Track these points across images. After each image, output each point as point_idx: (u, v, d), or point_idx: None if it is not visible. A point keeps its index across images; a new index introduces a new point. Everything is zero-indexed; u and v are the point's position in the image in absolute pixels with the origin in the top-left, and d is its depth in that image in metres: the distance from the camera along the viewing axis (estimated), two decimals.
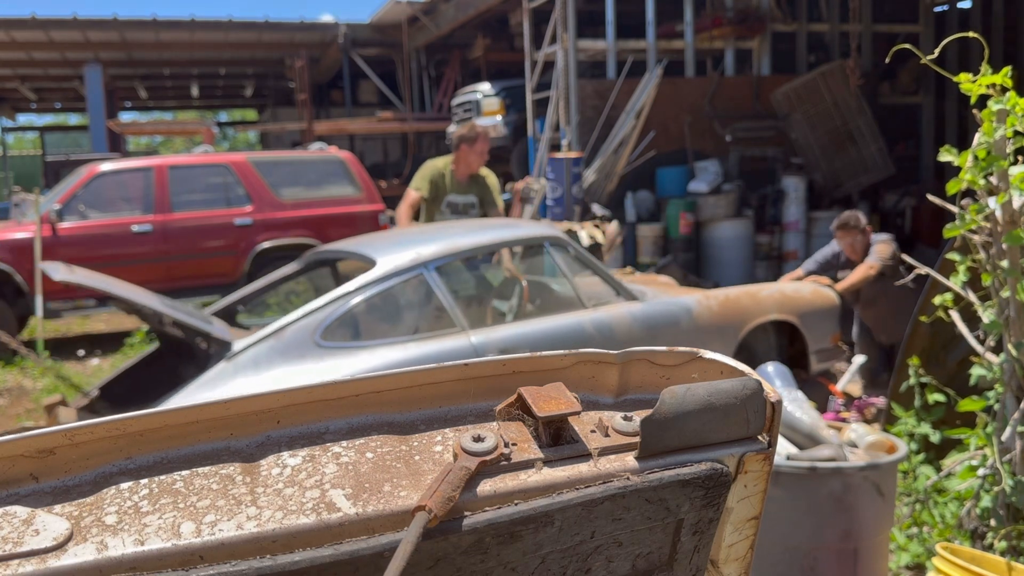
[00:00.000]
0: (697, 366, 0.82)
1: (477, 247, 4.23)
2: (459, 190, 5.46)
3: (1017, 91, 2.48)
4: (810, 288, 5.01)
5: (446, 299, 3.92)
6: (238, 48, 17.11)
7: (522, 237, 4.43)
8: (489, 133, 5.46)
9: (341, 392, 0.76)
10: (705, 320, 4.40)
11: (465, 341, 3.81)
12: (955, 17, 11.36)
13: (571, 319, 4.10)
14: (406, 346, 3.77)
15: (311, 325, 3.68)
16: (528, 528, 0.69)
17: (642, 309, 4.27)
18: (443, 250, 4.01)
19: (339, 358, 3.65)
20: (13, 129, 30.88)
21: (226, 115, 34.44)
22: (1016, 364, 2.66)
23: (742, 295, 4.66)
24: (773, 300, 4.72)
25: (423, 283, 3.98)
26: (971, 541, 2.82)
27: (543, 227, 4.43)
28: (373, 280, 3.82)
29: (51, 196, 8.22)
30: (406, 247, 4.04)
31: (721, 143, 9.66)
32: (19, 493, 0.68)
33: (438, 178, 5.46)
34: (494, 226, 4.53)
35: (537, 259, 4.77)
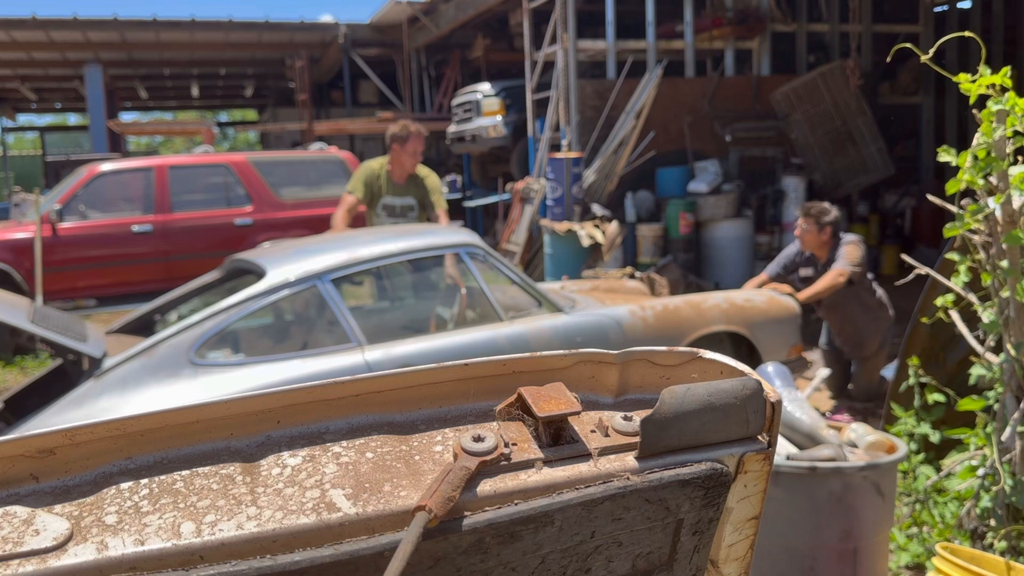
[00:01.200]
0: (697, 366, 0.82)
1: (380, 257, 3.93)
2: (396, 192, 5.23)
3: (1017, 91, 2.48)
4: (765, 296, 4.65)
5: (341, 313, 3.70)
6: (238, 48, 17.11)
7: (434, 245, 4.11)
8: (423, 131, 5.24)
9: (341, 392, 0.76)
10: (638, 333, 4.09)
11: (359, 358, 3.59)
12: (955, 17, 11.36)
13: (483, 334, 3.86)
14: (290, 363, 3.57)
15: (186, 342, 3.45)
16: (528, 528, 0.69)
17: (566, 321, 4.01)
18: (340, 261, 3.78)
19: (214, 376, 3.43)
20: (13, 129, 30.89)
21: (226, 115, 34.45)
22: (1016, 364, 2.66)
23: (683, 305, 4.35)
24: (719, 310, 4.38)
25: (317, 296, 3.77)
26: (971, 541, 2.82)
27: (460, 234, 4.16)
28: (260, 292, 3.61)
29: (51, 196, 8.22)
30: (301, 258, 3.84)
31: (721, 143, 9.67)
32: (19, 493, 0.68)
33: (373, 180, 5.25)
34: (404, 234, 4.24)
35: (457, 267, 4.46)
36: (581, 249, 8.26)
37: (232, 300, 3.57)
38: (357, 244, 3.97)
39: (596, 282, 5.34)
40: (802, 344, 4.75)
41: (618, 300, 4.45)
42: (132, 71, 19.48)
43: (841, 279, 4.82)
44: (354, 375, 0.76)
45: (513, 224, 10.23)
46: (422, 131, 5.20)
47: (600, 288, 5.10)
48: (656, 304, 4.28)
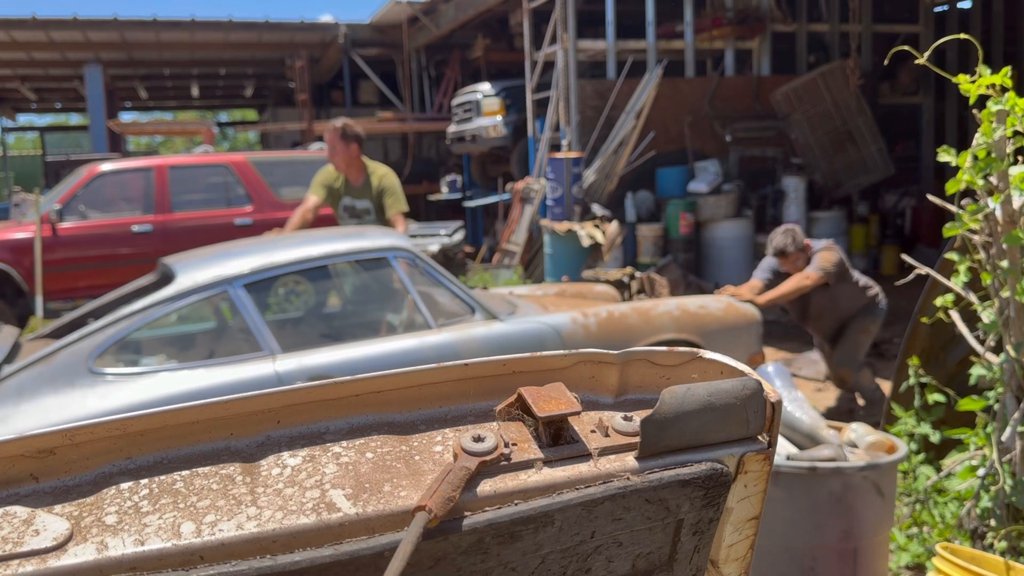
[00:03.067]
0: (697, 366, 0.82)
1: (297, 262, 3.76)
2: (353, 193, 5.10)
3: (1016, 91, 2.48)
4: (722, 303, 4.42)
5: (253, 320, 3.55)
6: (238, 48, 17.11)
7: (358, 249, 3.93)
8: (341, 129, 4.98)
9: (341, 392, 0.76)
10: (578, 341, 3.93)
11: (269, 368, 3.46)
12: (955, 17, 11.36)
13: (407, 342, 3.72)
14: (194, 373, 3.43)
15: (85, 350, 3.30)
16: (528, 528, 0.69)
17: (500, 330, 3.85)
18: (254, 266, 3.63)
19: (113, 386, 3.29)
20: (13, 129, 30.89)
21: (226, 115, 34.44)
22: (1016, 364, 2.66)
23: (630, 312, 4.14)
24: (670, 318, 4.17)
25: (228, 302, 3.61)
26: (971, 541, 2.82)
27: (387, 238, 4.00)
28: (166, 298, 3.47)
29: (51, 196, 8.22)
30: (214, 262, 3.70)
31: (721, 143, 9.67)
32: (19, 493, 0.68)
33: (332, 181, 5.11)
34: (327, 238, 4.07)
35: (382, 273, 4.28)
36: (581, 249, 8.26)
37: (136, 306, 3.44)
38: (275, 249, 3.83)
39: (563, 286, 5.19)
40: (763, 353, 4.54)
41: (563, 307, 4.26)
42: (132, 71, 19.48)
43: (807, 281, 4.66)
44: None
45: (513, 224, 10.24)
46: (339, 128, 4.97)
47: (567, 293, 4.93)
48: (600, 311, 4.10)
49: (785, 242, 4.72)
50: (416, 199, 15.86)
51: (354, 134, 4.96)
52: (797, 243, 4.72)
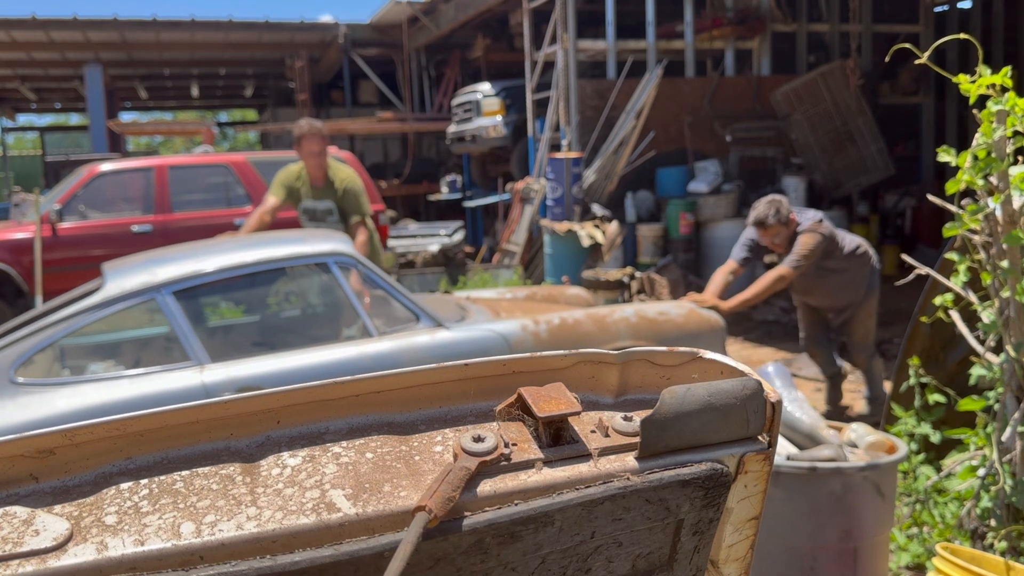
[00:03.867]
0: (697, 366, 0.82)
1: (231, 268, 3.65)
2: (315, 195, 4.99)
3: (1017, 91, 2.48)
4: (684, 310, 4.24)
5: (181, 328, 3.45)
6: (238, 48, 17.11)
7: (297, 254, 3.81)
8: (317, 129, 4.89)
9: (341, 392, 0.76)
10: (527, 348, 3.74)
11: (195, 378, 3.36)
12: (955, 17, 11.37)
13: (346, 351, 3.61)
14: (118, 383, 3.32)
15: (6, 359, 3.21)
16: (528, 528, 0.69)
17: (445, 337, 3.74)
18: (183, 272, 3.53)
19: (35, 396, 3.19)
20: (13, 129, 30.89)
21: (226, 115, 34.44)
22: (1016, 364, 2.66)
23: (585, 319, 4.01)
24: (627, 325, 4.03)
25: (156, 309, 3.52)
26: (971, 541, 2.82)
27: (328, 242, 3.89)
28: (93, 306, 3.37)
29: (51, 196, 8.22)
30: (144, 268, 3.60)
31: (721, 143, 9.67)
32: (19, 493, 0.68)
33: (293, 182, 5.01)
34: (264, 243, 3.95)
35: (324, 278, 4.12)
36: (581, 249, 8.26)
37: (62, 314, 3.34)
38: (209, 254, 3.73)
39: (534, 290, 5.07)
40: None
41: (517, 313, 4.13)
42: (132, 71, 19.48)
43: (780, 285, 4.47)
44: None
45: (513, 224, 10.24)
46: (316, 129, 4.91)
47: (536, 297, 4.82)
48: (552, 318, 3.97)
49: (767, 212, 4.44)
50: (416, 199, 15.86)
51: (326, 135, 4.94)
52: (780, 216, 4.42)
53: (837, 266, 4.59)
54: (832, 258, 4.55)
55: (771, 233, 4.46)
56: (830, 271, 4.60)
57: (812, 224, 4.47)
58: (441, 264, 9.91)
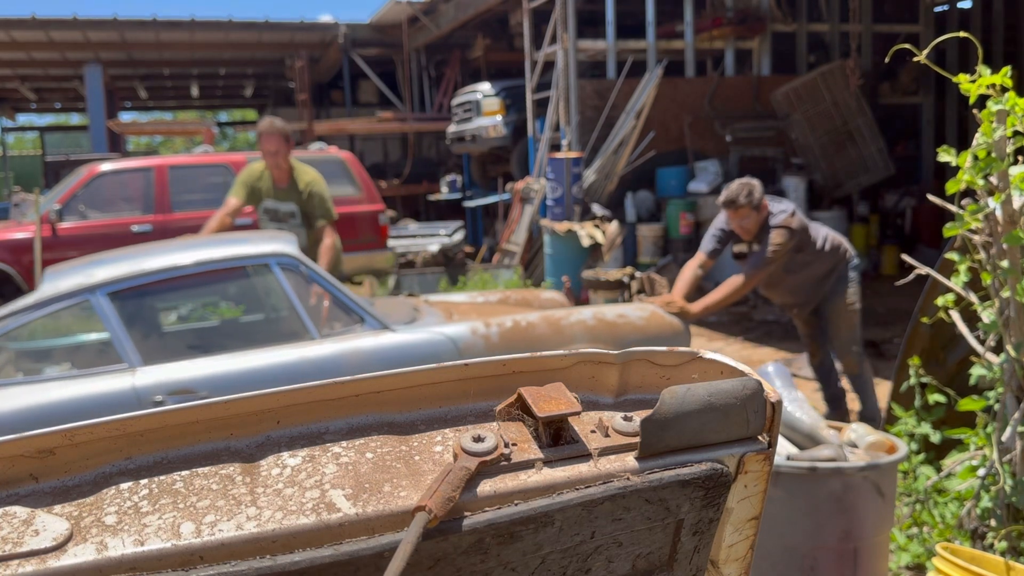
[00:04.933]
0: (697, 366, 0.82)
1: (168, 269, 3.59)
2: (278, 195, 4.87)
3: (1017, 91, 2.48)
4: (645, 312, 4.12)
5: (115, 330, 3.39)
6: (238, 48, 17.12)
7: (237, 255, 3.74)
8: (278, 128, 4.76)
9: (341, 392, 0.76)
10: (477, 352, 3.72)
11: (127, 381, 3.30)
12: (955, 17, 11.37)
13: (287, 354, 3.55)
14: (47, 386, 3.27)
15: None
16: (528, 528, 0.69)
17: (390, 340, 3.67)
18: (118, 274, 3.48)
19: None
20: (13, 129, 30.90)
21: (226, 115, 34.44)
22: (1016, 364, 2.66)
23: (539, 322, 3.91)
24: (583, 328, 3.93)
25: (90, 311, 3.48)
26: (971, 541, 2.82)
27: (271, 243, 3.82)
28: (26, 307, 3.35)
29: (51, 196, 8.22)
30: (82, 270, 3.55)
31: (721, 143, 9.67)
32: (19, 493, 0.68)
33: (255, 182, 4.89)
34: (205, 244, 3.89)
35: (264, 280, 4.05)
36: (581, 249, 8.26)
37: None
38: (147, 256, 3.69)
39: (508, 293, 4.97)
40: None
41: (471, 315, 4.05)
42: (132, 71, 19.48)
43: (749, 287, 4.31)
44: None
45: (513, 224, 10.24)
46: (275, 128, 4.78)
47: (510, 301, 4.71)
48: (505, 321, 3.87)
49: (738, 192, 4.20)
50: (416, 199, 15.87)
51: (289, 134, 4.81)
52: (752, 199, 4.19)
53: (809, 259, 4.40)
54: (805, 251, 4.36)
55: (740, 215, 4.22)
56: (801, 264, 4.41)
57: (784, 219, 4.25)
58: (441, 264, 9.91)
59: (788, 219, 4.24)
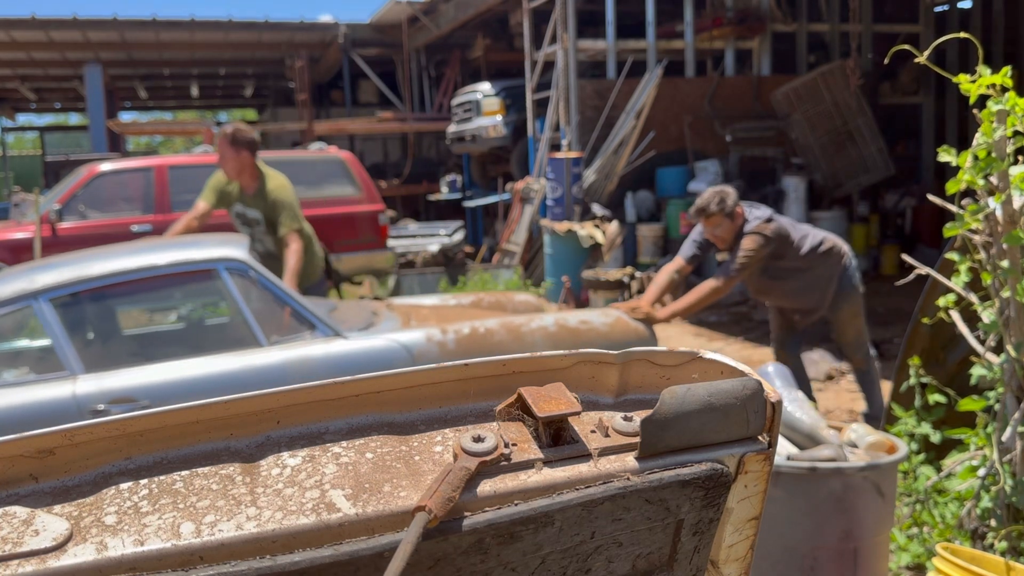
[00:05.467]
0: (697, 366, 0.82)
1: (112, 275, 3.51)
2: (247, 201, 4.80)
3: (1017, 91, 2.48)
4: (610, 318, 4.04)
5: (57, 337, 3.33)
6: (238, 48, 17.12)
7: (183, 260, 3.65)
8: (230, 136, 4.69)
9: (341, 392, 0.76)
10: (431, 359, 3.62)
11: (67, 389, 3.23)
12: (955, 17, 11.37)
13: (232, 362, 3.48)
14: None
15: None
16: (528, 528, 0.69)
17: (340, 348, 3.60)
18: (63, 279, 3.42)
19: None
20: (13, 129, 30.90)
21: (226, 115, 34.43)
22: (1016, 364, 2.66)
23: (499, 328, 3.82)
24: (544, 334, 3.84)
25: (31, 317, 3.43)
26: (971, 541, 2.82)
27: (220, 248, 3.74)
28: None
29: (51, 196, 8.22)
30: (26, 275, 3.49)
31: (721, 143, 9.67)
32: (19, 493, 0.68)
33: (225, 186, 4.84)
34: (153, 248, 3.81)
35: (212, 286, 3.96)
36: (581, 249, 8.27)
37: None
38: (92, 261, 3.61)
39: (481, 296, 4.91)
40: None
41: (431, 321, 3.97)
42: (132, 71, 19.49)
43: (717, 295, 4.21)
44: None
45: (513, 224, 10.24)
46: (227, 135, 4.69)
47: (483, 304, 4.64)
48: (462, 327, 3.80)
49: (709, 200, 4.10)
50: (416, 199, 15.87)
51: (246, 140, 4.71)
52: (725, 206, 4.07)
53: (794, 265, 4.27)
54: (787, 258, 4.23)
55: (712, 223, 4.13)
56: (787, 271, 4.28)
57: (758, 225, 4.13)
58: (441, 264, 9.92)
59: (761, 225, 4.13)
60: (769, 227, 4.13)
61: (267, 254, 4.71)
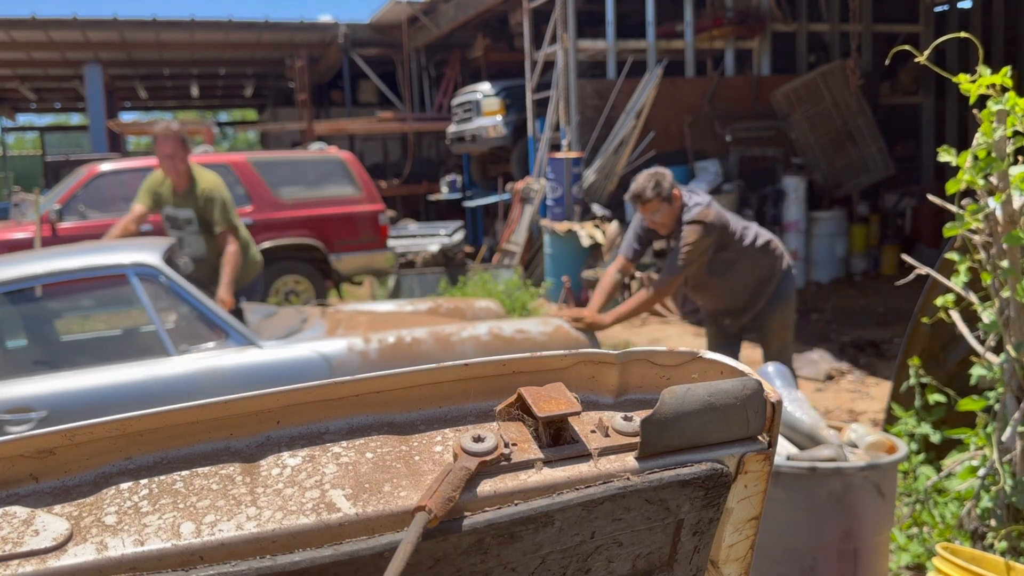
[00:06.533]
0: (697, 366, 0.82)
1: (16, 280, 3.44)
2: (176, 203, 4.72)
3: (1017, 91, 2.48)
4: (549, 327, 3.88)
5: None
6: (238, 48, 17.12)
7: (92, 266, 3.55)
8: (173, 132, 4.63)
9: (341, 392, 0.76)
10: (351, 369, 3.53)
11: None
12: (955, 17, 11.37)
13: (137, 372, 3.38)
14: None
15: None
16: (528, 528, 0.69)
17: (254, 357, 3.49)
18: None
19: None
20: (13, 129, 30.91)
21: (226, 115, 34.45)
22: (1016, 364, 2.66)
23: (427, 338, 3.69)
24: (475, 344, 3.70)
25: None
26: (971, 541, 2.82)
27: (131, 253, 3.62)
28: None
29: (51, 196, 8.22)
30: None
31: (721, 143, 9.67)
32: (19, 493, 0.68)
33: (158, 187, 4.75)
34: (63, 253, 3.72)
35: (122, 292, 3.85)
36: (581, 249, 8.27)
37: None
38: (2, 266, 3.54)
39: (440, 302, 4.80)
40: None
41: (359, 329, 3.85)
42: (132, 71, 19.49)
43: (664, 295, 4.04)
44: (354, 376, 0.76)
45: (513, 224, 10.24)
46: (169, 131, 4.65)
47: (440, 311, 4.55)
48: (387, 337, 3.68)
49: (644, 185, 3.81)
50: (416, 199, 15.87)
51: (182, 137, 4.70)
52: (661, 190, 3.79)
53: (735, 258, 3.98)
54: (729, 249, 3.95)
55: (650, 209, 3.83)
56: (727, 265, 4.00)
57: (698, 212, 3.83)
58: (441, 264, 9.92)
59: (703, 211, 3.84)
60: (710, 213, 3.85)
61: (198, 258, 4.63)
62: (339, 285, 8.76)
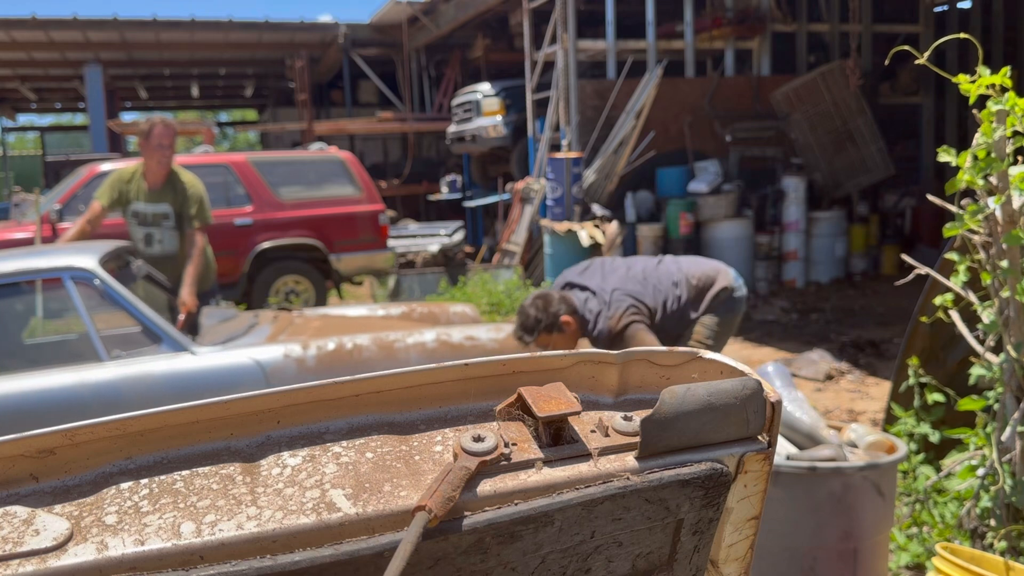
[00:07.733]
0: (697, 366, 0.82)
1: None
2: (149, 198, 4.64)
3: (1016, 91, 2.48)
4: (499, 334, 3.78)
5: None
6: (238, 48, 17.12)
7: (26, 269, 3.51)
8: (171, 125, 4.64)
9: (341, 392, 0.76)
10: (287, 377, 3.44)
11: None
12: (955, 17, 11.37)
13: (66, 377, 3.32)
14: None
15: None
16: (528, 528, 0.69)
17: (186, 363, 3.43)
18: None
19: None
20: (13, 129, 30.91)
21: (226, 115, 34.45)
22: (1016, 364, 2.66)
23: (370, 344, 3.59)
24: (420, 351, 3.60)
25: None
26: (971, 541, 2.82)
27: (67, 256, 3.55)
28: None
29: (51, 196, 8.22)
30: None
31: (721, 143, 9.67)
32: (19, 493, 0.68)
33: (123, 184, 4.67)
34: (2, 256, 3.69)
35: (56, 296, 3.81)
36: (581, 249, 8.26)
37: None
38: None
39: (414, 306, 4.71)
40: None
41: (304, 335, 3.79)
42: (132, 71, 19.49)
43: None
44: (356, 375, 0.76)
45: (513, 224, 10.24)
46: (168, 122, 4.66)
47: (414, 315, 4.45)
48: (327, 343, 3.58)
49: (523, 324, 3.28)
50: (416, 199, 15.87)
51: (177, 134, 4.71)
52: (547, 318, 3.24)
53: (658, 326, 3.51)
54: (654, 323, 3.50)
55: (541, 345, 3.27)
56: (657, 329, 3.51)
57: (607, 324, 3.33)
58: (441, 264, 9.92)
59: (611, 323, 3.34)
60: (618, 318, 3.34)
61: (164, 256, 4.63)
62: (339, 285, 8.76)
